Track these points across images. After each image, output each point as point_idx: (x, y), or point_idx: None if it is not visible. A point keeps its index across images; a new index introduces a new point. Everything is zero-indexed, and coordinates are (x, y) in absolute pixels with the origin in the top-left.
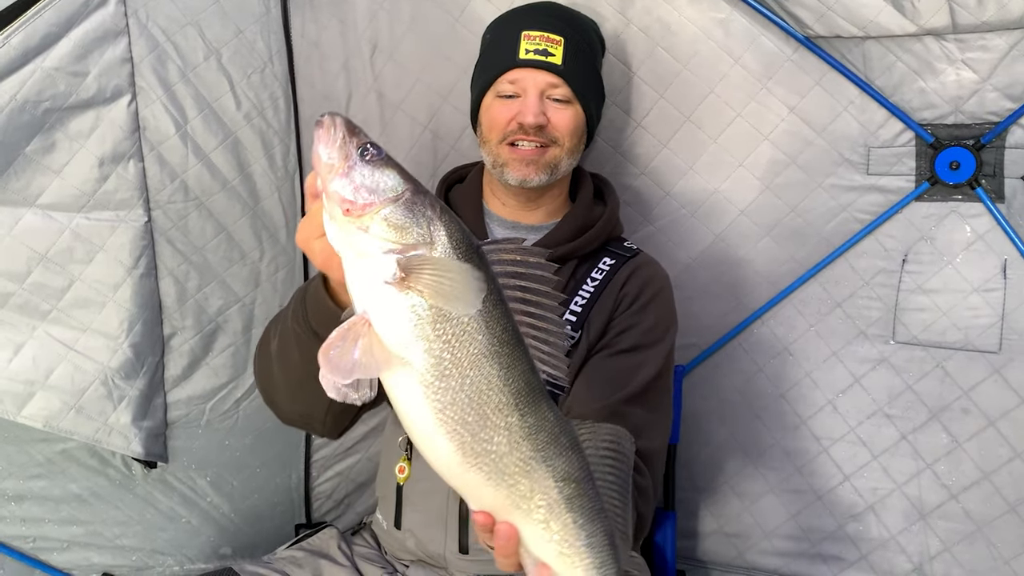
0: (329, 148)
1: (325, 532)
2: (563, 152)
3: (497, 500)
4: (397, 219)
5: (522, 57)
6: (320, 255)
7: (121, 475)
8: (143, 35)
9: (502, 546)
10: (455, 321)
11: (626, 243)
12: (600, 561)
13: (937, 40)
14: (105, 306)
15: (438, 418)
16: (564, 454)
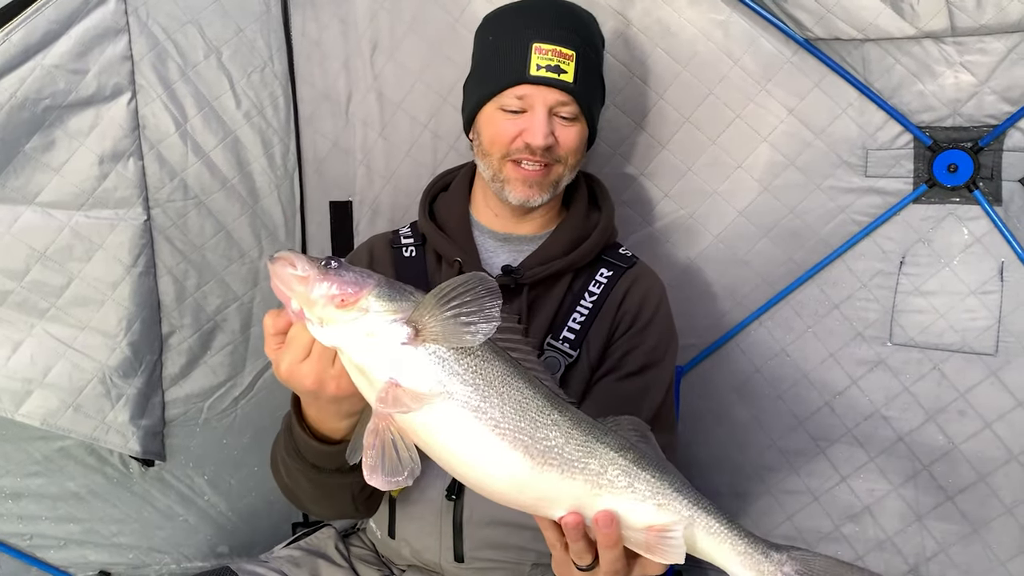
0: (295, 268)
1: (323, 532)
2: (566, 169)
3: (577, 490)
4: (387, 295)
5: (533, 74)
6: (310, 376)
7: (119, 473)
8: (143, 33)
9: (607, 535)
10: (473, 352)
11: (621, 249)
12: (694, 498)
13: (936, 43)
14: (104, 304)
15: (496, 433)
16: (609, 432)
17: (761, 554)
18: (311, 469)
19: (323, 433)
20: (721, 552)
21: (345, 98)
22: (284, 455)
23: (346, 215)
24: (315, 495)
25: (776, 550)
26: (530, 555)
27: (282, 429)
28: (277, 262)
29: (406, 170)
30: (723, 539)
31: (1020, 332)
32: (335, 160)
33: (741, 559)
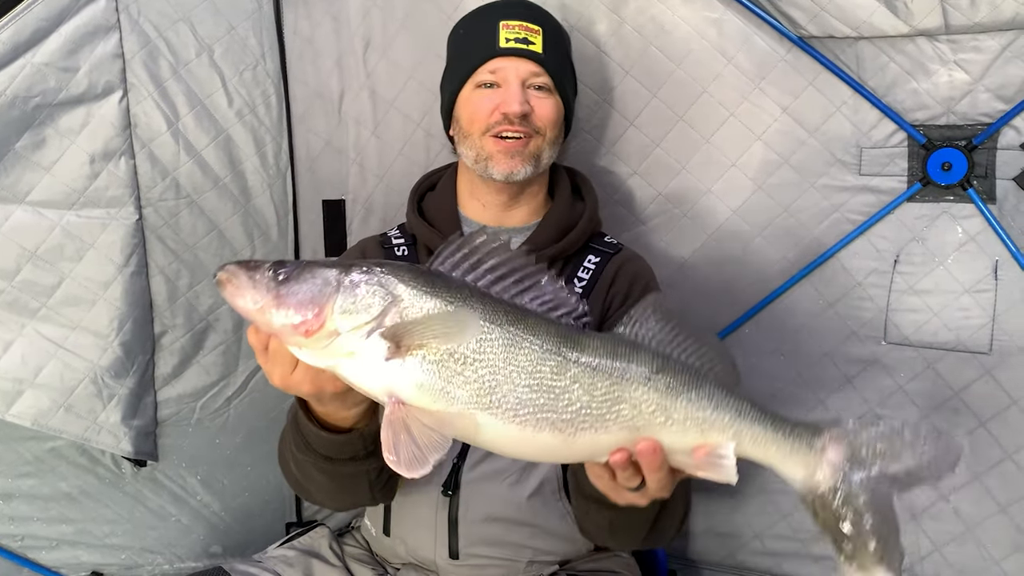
0: (245, 295)
1: (316, 531)
2: (545, 142)
3: (615, 437)
4: (352, 303)
5: (503, 46)
6: (305, 383)
7: (111, 473)
8: (134, 31)
9: (651, 463)
10: (463, 344)
11: (607, 238)
12: (735, 410)
13: (930, 41)
14: (95, 304)
15: (518, 423)
16: (631, 359)
17: (806, 446)
18: (324, 461)
19: (333, 424)
20: (768, 456)
21: (338, 96)
22: (294, 450)
23: (339, 214)
24: (330, 487)
25: (816, 436)
26: (526, 552)
27: (288, 423)
28: (224, 289)
29: (399, 168)
30: (769, 444)
31: (1014, 330)
32: (328, 159)
33: (789, 457)
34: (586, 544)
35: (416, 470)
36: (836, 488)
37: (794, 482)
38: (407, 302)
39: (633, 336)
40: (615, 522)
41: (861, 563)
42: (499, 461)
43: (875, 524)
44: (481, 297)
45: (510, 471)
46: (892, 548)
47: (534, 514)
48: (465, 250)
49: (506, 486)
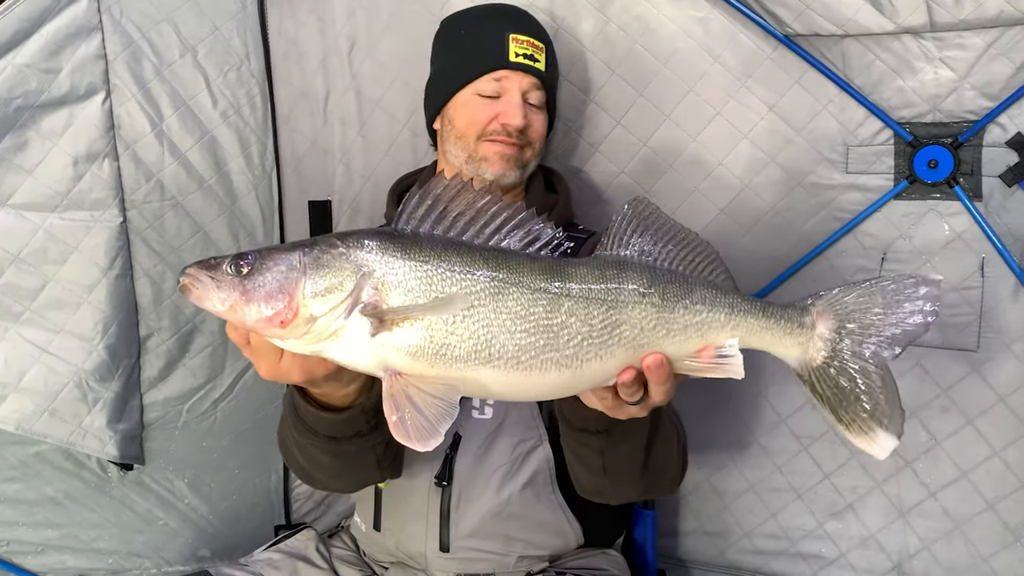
0: (211, 297)
1: (303, 534)
2: (534, 155)
3: (621, 358)
4: (322, 283)
5: (512, 60)
6: (294, 371)
7: (97, 477)
8: (117, 31)
9: (659, 373)
10: (450, 303)
11: (580, 227)
12: (729, 305)
13: (915, 38)
14: (80, 307)
15: (523, 369)
16: (622, 280)
17: (797, 326)
18: (328, 442)
19: (332, 403)
20: (764, 343)
21: (323, 96)
22: (296, 436)
23: (325, 215)
24: (337, 468)
25: (805, 314)
26: (516, 546)
27: (286, 410)
28: (190, 294)
29: (385, 169)
30: (764, 331)
31: (1001, 328)
32: (314, 159)
33: (783, 340)
34: (576, 539)
35: (428, 441)
36: (830, 357)
37: (791, 361)
38: (380, 270)
39: (617, 255)
40: (607, 452)
41: (862, 427)
42: (494, 453)
43: (871, 386)
44: (456, 248)
45: (504, 461)
46: (892, 409)
47: (526, 506)
48: (428, 201)
49: (499, 476)
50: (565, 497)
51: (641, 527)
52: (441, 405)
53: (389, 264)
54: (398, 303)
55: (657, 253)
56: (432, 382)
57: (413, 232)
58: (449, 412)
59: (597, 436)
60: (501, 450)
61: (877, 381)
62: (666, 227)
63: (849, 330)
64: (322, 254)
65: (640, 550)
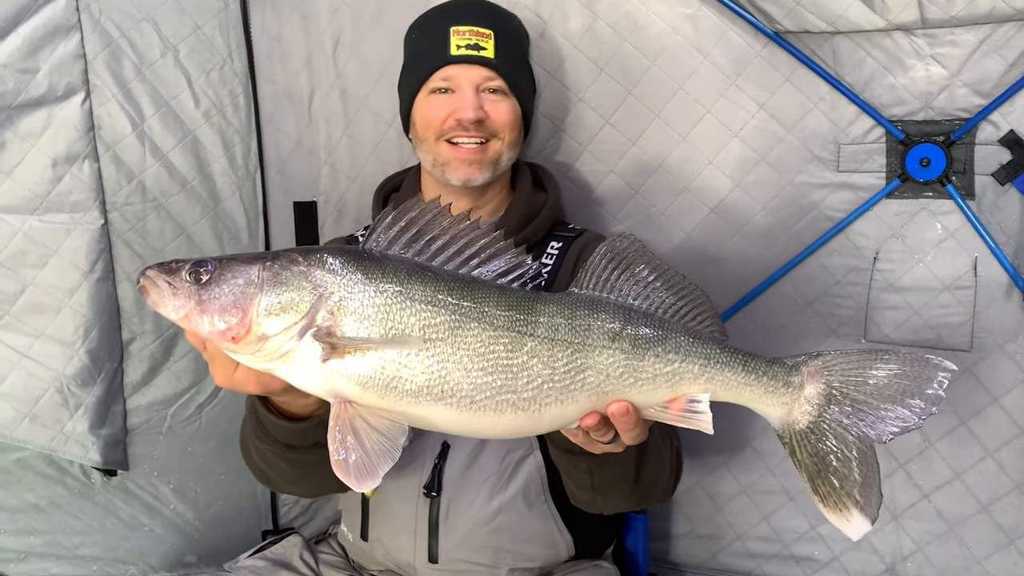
0: (167, 303)
1: (288, 540)
2: (504, 146)
3: (584, 403)
4: (277, 300)
5: (454, 53)
6: (249, 381)
7: (80, 484)
8: (96, 31)
9: (624, 421)
10: (403, 342)
11: (570, 226)
12: (704, 357)
13: (907, 35)
14: (60, 311)
15: (476, 409)
16: (592, 322)
17: (783, 386)
18: (286, 449)
19: (292, 412)
20: (742, 399)
21: (307, 96)
22: (255, 440)
23: (311, 216)
24: (294, 475)
25: (793, 373)
26: (506, 557)
27: (247, 413)
28: (148, 297)
29: (372, 169)
30: (742, 388)
31: (994, 328)
32: (298, 160)
33: (764, 399)
34: (567, 550)
35: (364, 481)
36: (814, 423)
37: (771, 420)
38: (338, 294)
39: (591, 293)
40: (595, 471)
41: (837, 504)
42: (483, 462)
43: (853, 463)
44: (421, 276)
45: (493, 471)
46: (870, 489)
47: (516, 516)
48: (401, 223)
49: (489, 486)
50: (557, 507)
51: (632, 532)
52: (385, 443)
53: (348, 288)
54: (352, 330)
55: (635, 295)
56: (380, 415)
57: (380, 254)
58: (391, 452)
59: (584, 457)
60: (490, 459)
61: (860, 459)
62: (649, 267)
63: (839, 398)
64: (282, 270)
65: (631, 554)
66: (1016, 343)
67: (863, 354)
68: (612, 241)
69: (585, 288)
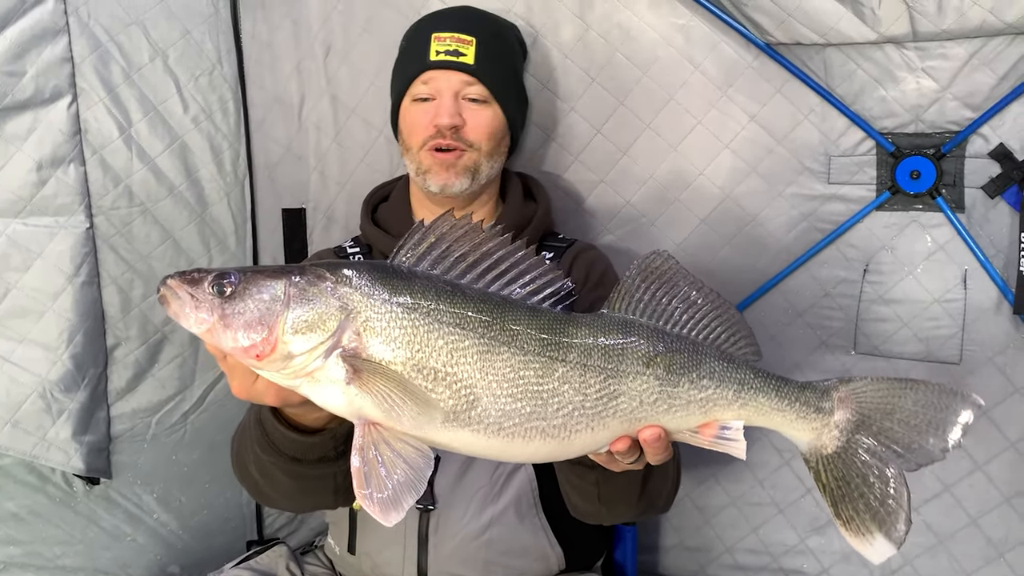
0: (189, 316)
1: (274, 550)
2: (481, 156)
3: (616, 429)
4: (304, 318)
5: (433, 59)
6: (268, 393)
7: (61, 492)
8: (84, 34)
9: (656, 448)
10: (433, 356)
11: (561, 236)
12: (737, 383)
13: (898, 48)
14: (43, 316)
15: (504, 436)
16: (625, 347)
17: (814, 411)
18: (291, 463)
19: (303, 424)
20: (773, 424)
21: (298, 102)
22: (256, 451)
23: (299, 223)
24: (292, 489)
25: (824, 399)
26: (497, 571)
27: (250, 423)
28: (168, 307)
29: (361, 176)
30: (774, 413)
31: (983, 341)
32: (288, 166)
33: (795, 424)
34: (558, 563)
35: (389, 514)
36: (843, 449)
37: (799, 444)
38: (365, 313)
39: (624, 315)
40: (603, 483)
41: (860, 528)
42: (474, 474)
43: (880, 489)
44: (450, 296)
45: (483, 483)
46: (895, 515)
47: (507, 529)
48: (431, 239)
49: (479, 498)
50: (549, 519)
51: (621, 544)
52: (411, 475)
53: (375, 308)
54: (379, 352)
55: (669, 315)
56: (405, 440)
57: (408, 271)
58: (416, 486)
59: (594, 470)
60: (481, 472)
61: (885, 485)
62: (682, 285)
63: (868, 424)
64: (309, 287)
65: (620, 567)
66: (1005, 356)
67: (893, 382)
68: (646, 259)
69: (618, 309)
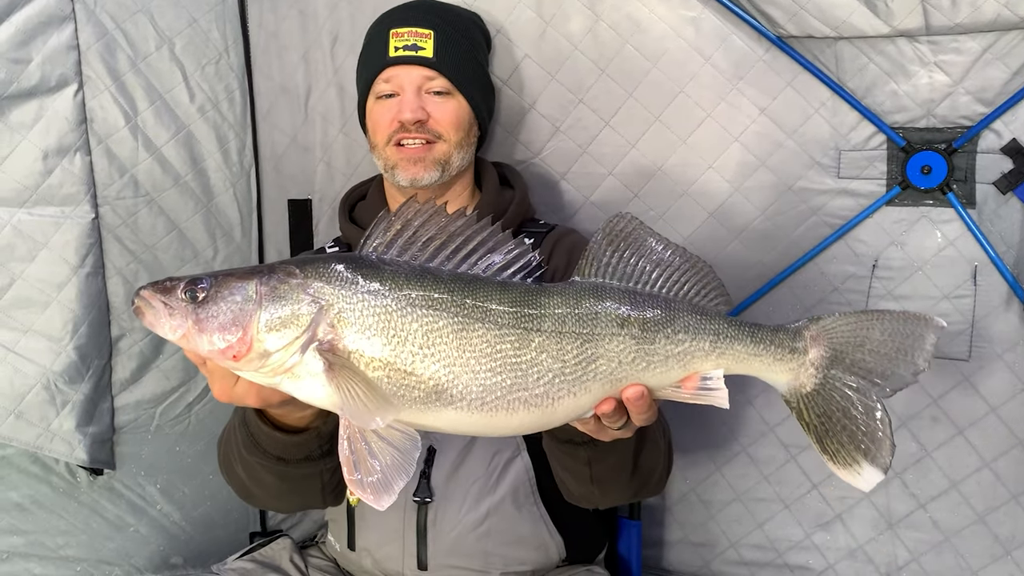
0: (163, 324)
1: (278, 543)
2: (450, 147)
3: (598, 392)
4: (277, 315)
5: (391, 55)
6: (249, 395)
7: (65, 482)
8: (91, 22)
9: (639, 405)
10: (409, 339)
11: (541, 222)
12: (713, 333)
13: (910, 42)
14: (48, 306)
15: (487, 410)
16: (598, 311)
17: (789, 352)
18: (276, 462)
19: (287, 424)
20: (752, 369)
21: (304, 92)
22: (242, 452)
23: (305, 214)
24: (280, 489)
25: (797, 339)
26: (497, 562)
27: (235, 424)
28: (143, 318)
29: (367, 167)
30: (752, 359)
31: (993, 337)
32: (294, 156)
33: (772, 367)
34: (558, 553)
35: (381, 498)
36: (820, 385)
37: (779, 386)
38: (337, 305)
39: (594, 280)
40: (595, 462)
41: (846, 459)
42: (470, 465)
43: (860, 417)
44: (420, 279)
45: (480, 474)
46: (880, 441)
47: (506, 519)
48: (397, 225)
49: (476, 489)
50: (547, 509)
51: (625, 539)
52: (399, 458)
53: (347, 298)
54: (354, 342)
55: (638, 276)
56: (391, 424)
57: (378, 259)
58: (405, 468)
59: (584, 447)
60: (477, 462)
61: (867, 413)
62: (649, 245)
63: (842, 359)
64: (279, 284)
65: (624, 561)
66: (1015, 353)
67: (860, 315)
68: (610, 222)
69: (587, 275)
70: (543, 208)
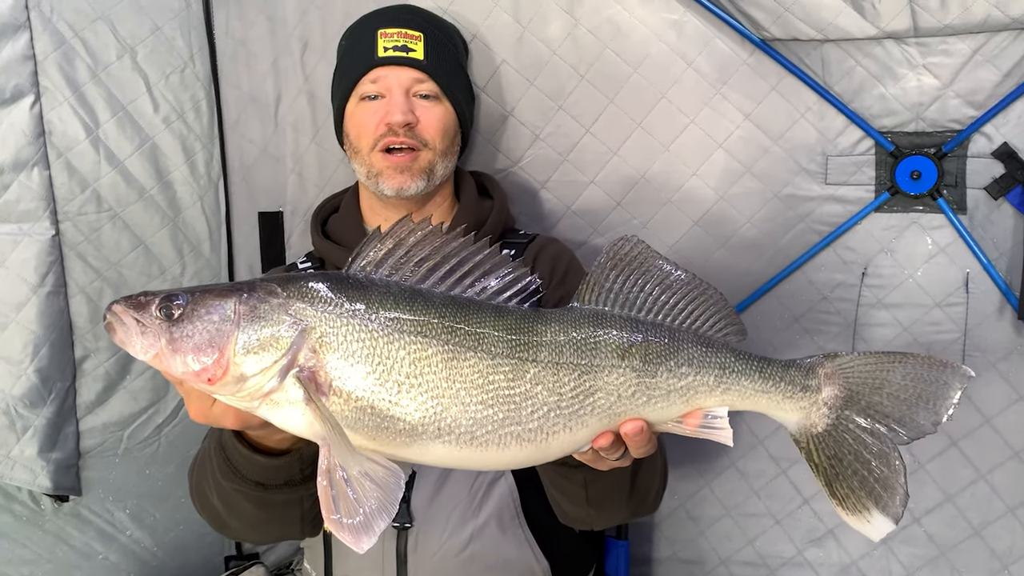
0: (135, 343)
1: (252, 570)
2: (436, 155)
3: (596, 426)
4: (256, 338)
5: (381, 55)
6: (228, 417)
7: (28, 510)
8: (47, 30)
9: (639, 441)
10: (395, 368)
11: (521, 232)
12: (718, 368)
13: (898, 44)
14: (7, 328)
15: (477, 445)
16: (597, 341)
17: (800, 390)
18: (255, 488)
19: (267, 447)
20: (759, 407)
21: (274, 101)
22: (218, 478)
23: (276, 227)
24: (258, 519)
25: (810, 376)
26: None
27: (210, 449)
28: (114, 335)
29: (341, 178)
30: (759, 396)
31: (986, 346)
32: (264, 168)
33: (782, 405)
34: None
35: (360, 539)
36: (832, 427)
37: (788, 425)
38: (320, 329)
39: (594, 307)
40: (591, 484)
41: (856, 506)
42: (451, 488)
43: (872, 464)
44: (409, 302)
45: (462, 497)
46: (892, 490)
47: (490, 543)
48: (389, 244)
49: (459, 513)
50: (532, 531)
51: (613, 559)
52: (381, 498)
53: (330, 321)
54: (337, 370)
55: (642, 304)
56: (374, 459)
57: (366, 279)
58: (387, 508)
59: (580, 470)
60: (458, 485)
61: (881, 458)
62: (654, 271)
63: (857, 400)
64: (260, 304)
65: None
66: (1008, 362)
67: (880, 356)
68: (614, 246)
69: (588, 301)
70: (524, 218)
